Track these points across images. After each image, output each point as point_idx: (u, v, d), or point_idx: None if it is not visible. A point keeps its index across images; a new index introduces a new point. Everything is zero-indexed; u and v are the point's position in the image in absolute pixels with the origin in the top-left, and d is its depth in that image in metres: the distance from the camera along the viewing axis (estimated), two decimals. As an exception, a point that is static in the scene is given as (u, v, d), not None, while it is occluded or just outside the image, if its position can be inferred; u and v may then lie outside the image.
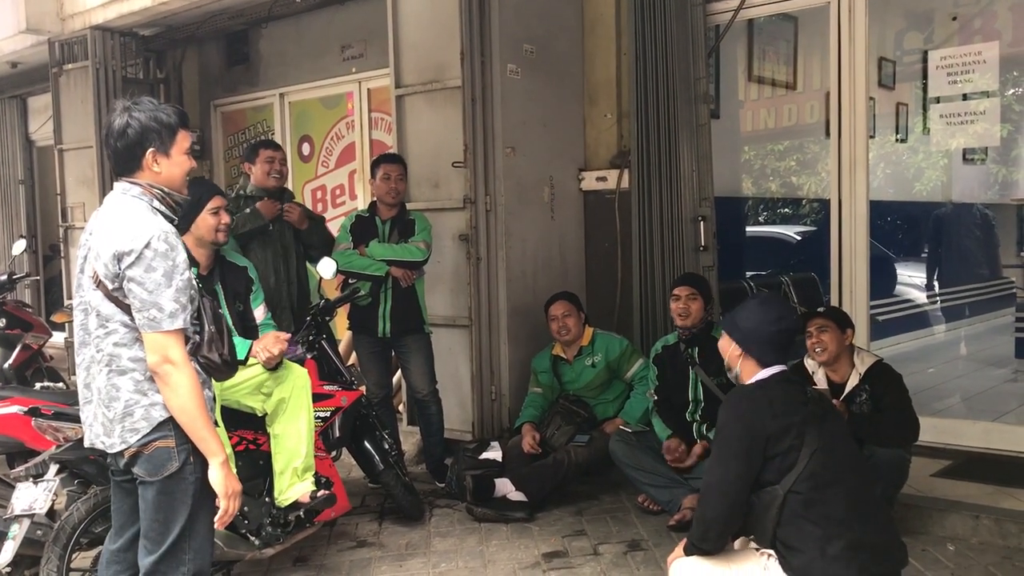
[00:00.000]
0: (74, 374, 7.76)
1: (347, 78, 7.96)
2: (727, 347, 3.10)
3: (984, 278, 8.97)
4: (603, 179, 6.26)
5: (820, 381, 4.39)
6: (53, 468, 3.68)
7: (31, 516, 3.66)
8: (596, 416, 5.29)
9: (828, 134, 8.45)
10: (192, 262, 4.06)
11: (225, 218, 4.06)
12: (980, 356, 8.23)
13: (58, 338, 8.43)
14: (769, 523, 2.87)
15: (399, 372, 5.86)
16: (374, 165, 5.53)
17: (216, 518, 2.85)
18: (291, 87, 8.39)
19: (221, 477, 2.79)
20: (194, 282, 2.88)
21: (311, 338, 4.68)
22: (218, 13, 8.26)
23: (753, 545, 3.02)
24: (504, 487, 4.95)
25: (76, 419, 3.70)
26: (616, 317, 6.11)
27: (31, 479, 3.73)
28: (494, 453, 5.32)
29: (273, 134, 8.48)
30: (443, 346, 5.75)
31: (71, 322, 8.21)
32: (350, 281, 5.40)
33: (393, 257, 5.31)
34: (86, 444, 2.96)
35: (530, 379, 5.57)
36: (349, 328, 5.67)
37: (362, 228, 5.49)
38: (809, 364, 4.47)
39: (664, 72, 5.76)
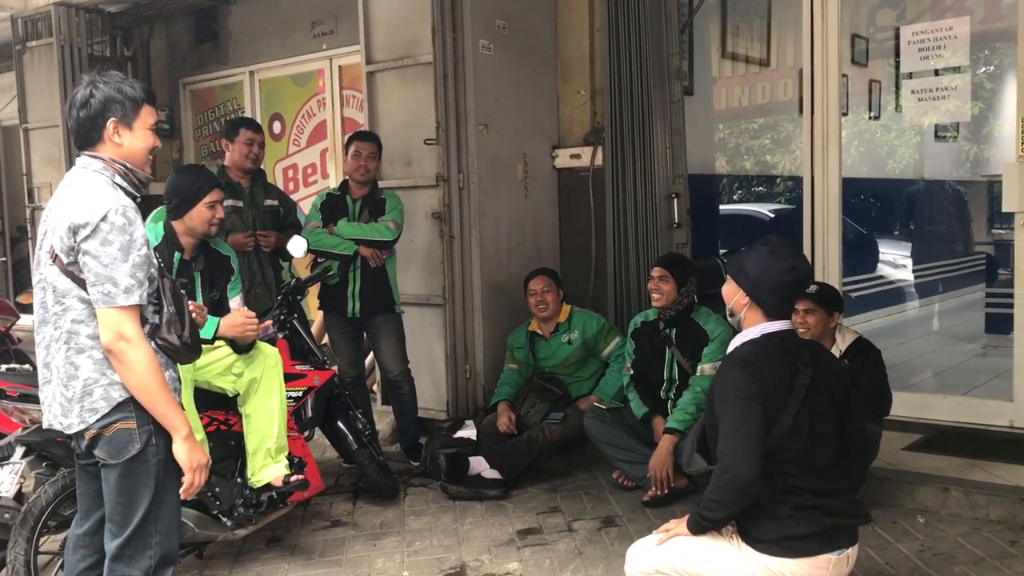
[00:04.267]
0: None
1: (318, 55, 7.86)
2: (732, 293, 2.96)
3: (957, 254, 9.05)
4: (577, 156, 6.23)
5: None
6: (19, 450, 3.63)
7: (-3, 499, 3.61)
8: (570, 394, 5.29)
9: (801, 111, 8.54)
10: (176, 247, 4.01)
11: (220, 212, 4.03)
12: (951, 331, 8.31)
13: (26, 320, 8.30)
14: None
15: (372, 352, 5.83)
16: (347, 142, 5.47)
17: (182, 490, 2.81)
18: (261, 64, 8.28)
19: (185, 451, 2.75)
20: (154, 261, 2.83)
21: (282, 317, 4.63)
22: (187, -12, 8.14)
23: None
24: (478, 465, 4.94)
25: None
26: (591, 295, 6.10)
27: (-4, 462, 3.68)
28: (468, 432, 5.31)
29: (243, 112, 8.37)
30: (416, 325, 5.72)
31: (37, 303, 8.11)
32: (319, 260, 5.35)
33: (361, 236, 5.26)
34: (44, 425, 2.92)
35: (506, 355, 5.55)
36: (320, 308, 5.62)
37: (332, 206, 5.43)
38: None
39: (638, 48, 5.72)
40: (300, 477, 4.06)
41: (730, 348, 3.02)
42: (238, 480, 4.07)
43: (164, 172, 9.17)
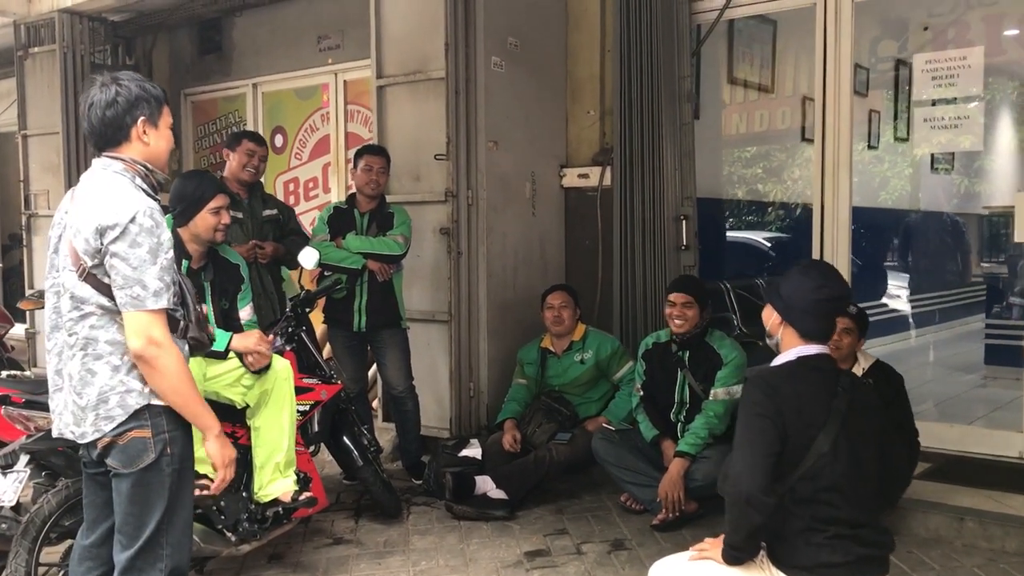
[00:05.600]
0: (34, 366, 7.57)
1: (323, 69, 7.83)
2: (769, 315, 2.99)
3: (954, 285, 9.06)
4: (585, 176, 6.20)
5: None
6: (24, 459, 3.53)
7: (-1, 508, 3.52)
8: (578, 414, 5.23)
9: (803, 138, 8.56)
10: (184, 254, 3.94)
11: (225, 218, 3.96)
12: (950, 361, 8.30)
13: (19, 329, 8.19)
14: None
15: (374, 367, 5.76)
16: (357, 155, 5.43)
17: (213, 486, 2.87)
18: (264, 77, 8.24)
19: (217, 447, 2.79)
20: (173, 264, 2.77)
21: (290, 330, 4.57)
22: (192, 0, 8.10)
23: None
24: (484, 485, 4.87)
25: (47, 408, 3.56)
26: (596, 315, 6.05)
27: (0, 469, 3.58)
28: (473, 451, 5.23)
29: (245, 125, 8.32)
30: (421, 341, 5.65)
31: (34, 311, 8.00)
32: (326, 273, 5.30)
33: (370, 250, 5.22)
34: (55, 434, 2.84)
35: (515, 370, 5.50)
36: (324, 322, 5.55)
37: (340, 220, 5.39)
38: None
39: (648, 70, 5.71)
40: (309, 494, 3.98)
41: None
42: (243, 494, 3.98)
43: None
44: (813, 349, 2.96)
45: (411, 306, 5.58)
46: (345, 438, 4.68)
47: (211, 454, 2.80)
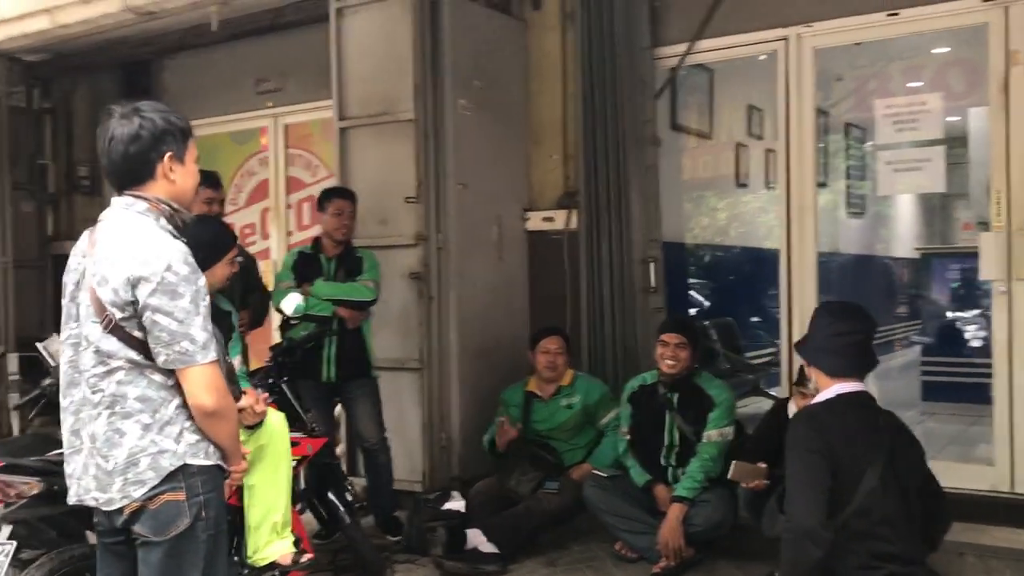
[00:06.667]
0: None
1: (261, 112, 7.64)
2: (805, 364, 3.15)
3: (889, 323, 9.33)
4: (550, 219, 6.14)
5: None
6: (6, 530, 3.18)
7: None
8: (563, 462, 5.10)
9: (738, 184, 8.75)
10: None
11: (235, 267, 3.74)
12: (887, 399, 8.50)
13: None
14: None
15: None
16: (323, 199, 5.24)
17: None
18: (198, 121, 7.77)
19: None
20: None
21: (271, 380, 4.32)
22: (120, 41, 7.76)
23: None
24: (475, 538, 4.68)
25: (31, 472, 3.25)
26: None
27: (-26, 544, 3.21)
28: (456, 503, 5.04)
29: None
30: (390, 391, 5.44)
31: None
32: (292, 322, 5.06)
33: (340, 296, 5.04)
34: (72, 501, 2.55)
35: (497, 409, 5.35)
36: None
37: (306, 265, 5.21)
38: (792, 412, 4.41)
39: (613, 114, 5.74)
40: (310, 556, 3.73)
41: None
42: (235, 558, 3.69)
43: (82, 231, 8.65)
44: (851, 386, 3.01)
45: (379, 354, 5.38)
46: (331, 494, 4.43)
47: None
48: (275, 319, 6.13)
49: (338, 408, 5.49)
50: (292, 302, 4.57)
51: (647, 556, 4.59)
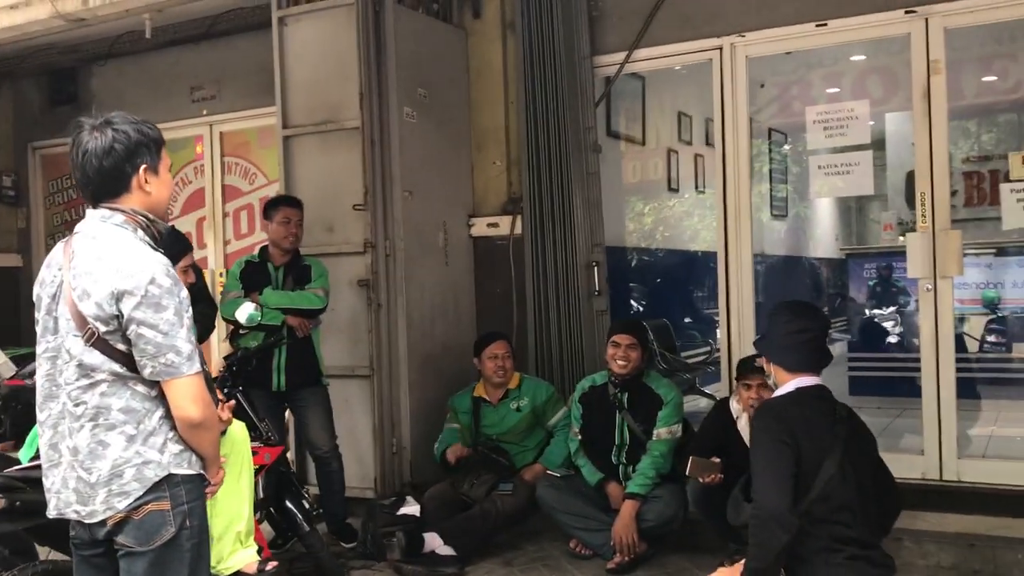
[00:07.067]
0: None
1: (196, 121, 7.55)
2: (764, 361, 3.25)
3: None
4: (494, 225, 6.22)
5: (743, 429, 4.49)
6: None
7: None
8: (515, 464, 5.17)
9: (669, 188, 8.96)
10: None
11: (191, 277, 3.70)
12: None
13: None
14: None
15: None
16: (270, 207, 5.22)
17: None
18: (129, 129, 7.78)
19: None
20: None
21: (226, 390, 4.30)
22: (47, 48, 7.60)
23: None
24: (432, 542, 4.72)
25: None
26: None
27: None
28: (411, 508, 5.07)
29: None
30: (339, 398, 5.43)
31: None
32: (241, 332, 5.03)
33: (290, 305, 5.03)
34: (51, 514, 2.52)
35: (447, 416, 5.39)
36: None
37: (253, 275, 5.18)
38: (734, 408, 4.58)
39: (555, 122, 5.84)
40: (275, 564, 3.73)
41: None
42: (198, 570, 3.67)
43: (5, 243, 8.41)
44: (809, 380, 3.16)
45: (329, 361, 5.37)
46: (288, 502, 4.43)
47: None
48: (221, 329, 6.11)
49: (286, 416, 5.47)
50: (246, 311, 4.55)
51: (601, 553, 4.69)
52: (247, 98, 7.17)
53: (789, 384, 3.14)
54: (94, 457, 2.40)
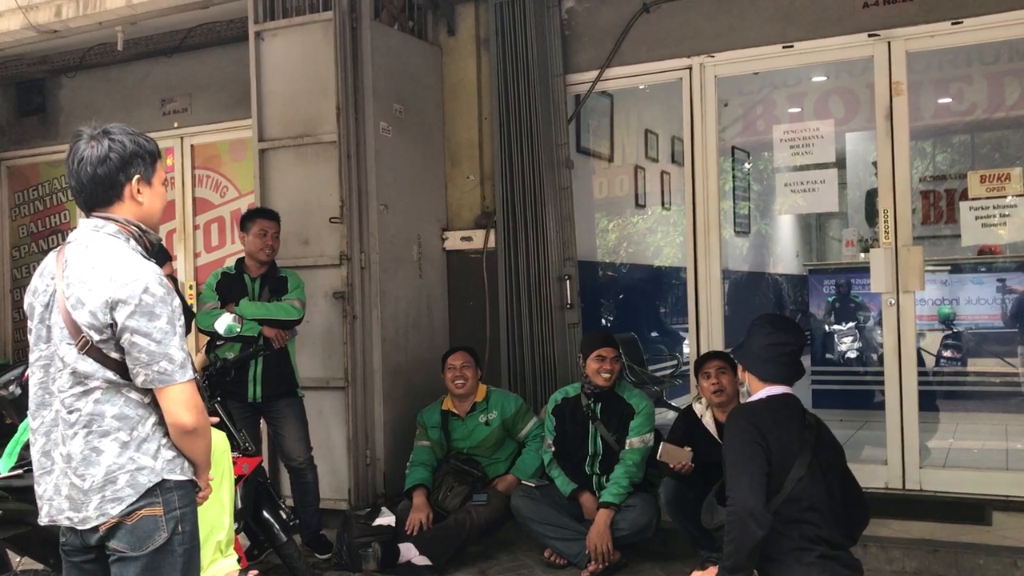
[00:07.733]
0: None
1: (167, 133, 7.52)
2: (740, 370, 3.38)
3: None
4: (468, 239, 6.29)
5: (708, 424, 4.64)
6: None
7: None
8: (487, 475, 5.22)
9: (637, 204, 9.09)
10: None
11: (169, 285, 3.69)
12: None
13: None
14: None
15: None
16: (246, 219, 5.25)
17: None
18: (98, 141, 7.74)
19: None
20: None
21: (206, 400, 4.30)
22: (15, 59, 7.55)
23: None
24: (408, 552, 4.75)
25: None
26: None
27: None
28: (386, 519, 5.09)
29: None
30: (314, 410, 5.46)
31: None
32: (218, 343, 5.05)
33: (267, 316, 5.07)
34: (44, 521, 2.54)
35: (417, 432, 5.41)
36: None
37: (230, 286, 5.21)
38: (697, 408, 4.71)
39: (528, 137, 5.94)
40: (256, 573, 3.74)
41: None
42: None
43: (-29, 253, 8.32)
44: (778, 390, 3.30)
45: (304, 373, 5.40)
46: (266, 512, 4.44)
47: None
48: (195, 341, 6.11)
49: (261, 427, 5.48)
50: (224, 322, 4.57)
51: (576, 562, 4.75)
52: (219, 111, 7.19)
53: (760, 392, 3.27)
54: (88, 464, 2.43)
